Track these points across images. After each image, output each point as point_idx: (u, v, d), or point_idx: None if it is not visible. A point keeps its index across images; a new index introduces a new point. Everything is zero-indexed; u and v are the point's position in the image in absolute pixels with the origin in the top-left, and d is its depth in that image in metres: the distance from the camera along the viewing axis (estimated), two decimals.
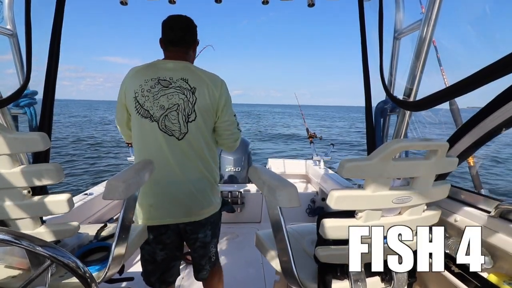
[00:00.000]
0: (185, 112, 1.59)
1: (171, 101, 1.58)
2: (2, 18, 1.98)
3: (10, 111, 1.98)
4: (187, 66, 1.66)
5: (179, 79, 1.59)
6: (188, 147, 1.63)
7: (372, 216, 1.27)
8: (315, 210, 4.02)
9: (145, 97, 1.58)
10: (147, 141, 1.64)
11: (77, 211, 2.81)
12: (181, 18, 1.69)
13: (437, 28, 1.84)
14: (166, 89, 1.58)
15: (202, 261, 1.87)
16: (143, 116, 1.59)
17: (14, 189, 1.28)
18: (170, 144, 1.61)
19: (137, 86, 1.58)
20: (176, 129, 1.60)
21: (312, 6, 2.44)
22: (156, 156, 1.62)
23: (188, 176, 1.67)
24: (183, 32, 1.68)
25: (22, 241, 0.79)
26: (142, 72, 1.61)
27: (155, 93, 1.57)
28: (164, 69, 1.61)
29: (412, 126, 2.19)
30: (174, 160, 1.63)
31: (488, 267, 1.47)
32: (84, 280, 0.87)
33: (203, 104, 1.61)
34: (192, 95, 1.58)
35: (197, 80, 1.61)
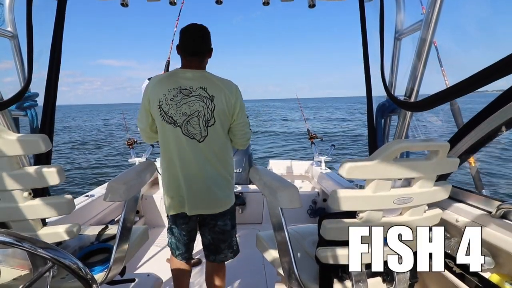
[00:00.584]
0: (205, 117, 1.74)
1: (192, 108, 1.72)
2: (3, 20, 1.99)
3: (11, 113, 1.98)
4: (205, 75, 1.80)
5: (199, 87, 1.73)
6: (208, 148, 1.78)
7: (373, 216, 1.27)
8: (317, 211, 4.02)
9: (169, 105, 1.72)
10: (171, 143, 1.78)
11: (79, 212, 2.81)
12: (198, 27, 1.80)
13: (438, 28, 1.84)
14: (187, 97, 1.72)
15: (222, 245, 2.00)
16: (168, 122, 1.74)
17: (16, 191, 1.28)
18: (192, 146, 1.76)
19: (161, 95, 1.72)
20: (197, 132, 1.75)
21: (312, 7, 2.44)
22: (179, 156, 1.78)
23: (208, 174, 1.81)
24: (199, 41, 1.80)
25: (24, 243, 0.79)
26: (165, 81, 1.75)
27: (177, 101, 1.71)
28: (184, 79, 1.75)
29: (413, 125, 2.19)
30: (195, 160, 1.78)
31: (489, 267, 1.47)
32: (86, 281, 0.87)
33: (221, 109, 1.76)
34: (211, 103, 1.73)
35: (215, 88, 1.75)
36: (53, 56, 1.92)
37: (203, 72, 1.81)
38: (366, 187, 1.24)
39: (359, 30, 2.21)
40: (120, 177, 1.51)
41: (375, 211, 1.27)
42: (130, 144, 4.33)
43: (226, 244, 2.00)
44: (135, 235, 1.75)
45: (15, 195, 1.29)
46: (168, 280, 2.72)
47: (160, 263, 3.06)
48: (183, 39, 1.79)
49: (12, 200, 1.29)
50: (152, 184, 4.34)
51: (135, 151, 4.30)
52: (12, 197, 1.29)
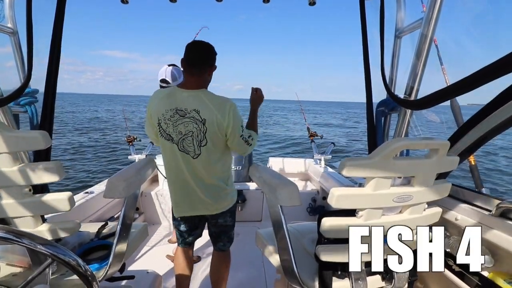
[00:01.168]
0: (198, 138, 1.86)
1: (187, 128, 1.85)
2: (3, 16, 1.98)
3: (11, 110, 1.98)
4: (199, 95, 1.86)
5: (192, 110, 1.83)
6: (201, 164, 1.91)
7: (373, 215, 1.27)
8: (316, 209, 4.02)
9: (166, 124, 1.86)
10: (169, 157, 1.95)
11: (78, 209, 2.82)
12: (202, 43, 1.90)
13: (438, 27, 1.84)
14: (183, 118, 1.84)
15: (222, 236, 2.21)
16: (166, 139, 1.90)
17: (15, 187, 1.28)
18: (186, 161, 1.91)
19: (160, 114, 1.86)
20: (191, 150, 1.88)
21: (313, 4, 2.44)
22: (176, 169, 1.95)
23: (202, 185, 1.96)
24: (200, 56, 1.87)
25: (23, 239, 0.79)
26: (164, 101, 1.87)
27: (174, 121, 1.85)
28: (180, 100, 1.85)
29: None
30: (189, 173, 1.93)
31: (489, 266, 1.47)
32: (85, 278, 0.87)
33: (212, 132, 1.85)
34: (203, 126, 1.84)
35: (207, 111, 1.83)
36: (53, 54, 1.91)
37: (199, 92, 1.87)
38: (365, 185, 1.23)
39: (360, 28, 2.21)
40: (120, 174, 1.51)
41: (374, 209, 1.27)
42: (130, 141, 4.33)
43: (226, 236, 2.22)
44: (135, 232, 1.75)
45: (15, 191, 1.29)
46: (167, 277, 2.72)
47: (159, 260, 3.06)
48: (186, 52, 1.86)
49: (12, 196, 1.29)
50: (152, 181, 4.34)
51: (135, 148, 4.30)
52: (11, 193, 1.29)
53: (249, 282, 2.74)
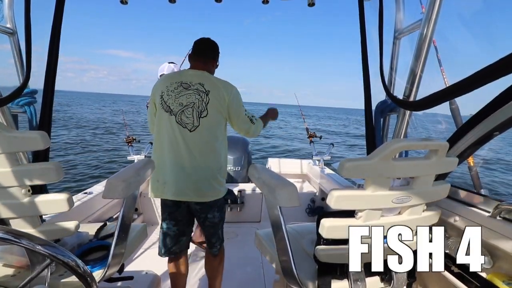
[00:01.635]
0: (198, 109, 1.93)
1: (189, 99, 1.93)
2: (2, 16, 1.98)
3: (10, 110, 1.98)
4: (205, 74, 2.02)
5: (197, 83, 1.96)
6: (198, 138, 1.95)
7: (372, 216, 1.27)
8: (315, 209, 4.02)
9: (169, 95, 1.95)
10: (164, 129, 1.98)
11: (77, 210, 2.81)
12: (208, 39, 2.12)
13: (437, 28, 1.84)
14: (186, 90, 1.95)
15: (213, 239, 2.18)
16: (165, 110, 1.95)
17: (14, 187, 1.28)
18: (183, 134, 1.94)
19: (164, 87, 1.98)
20: (189, 122, 1.94)
21: (312, 5, 2.44)
22: (170, 142, 1.96)
23: (196, 162, 1.96)
24: (205, 47, 2.09)
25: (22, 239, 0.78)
26: (170, 76, 2.04)
27: (177, 93, 1.95)
28: (186, 75, 2.00)
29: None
30: (185, 148, 1.95)
31: (487, 267, 1.47)
32: (84, 279, 0.87)
33: (214, 104, 1.95)
34: (206, 96, 1.94)
35: (212, 85, 1.97)
36: (51, 54, 1.91)
37: (205, 72, 2.03)
38: (364, 187, 1.24)
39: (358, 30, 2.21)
40: (119, 174, 1.51)
41: (373, 210, 1.27)
42: (129, 142, 4.33)
43: (216, 237, 2.19)
44: (134, 233, 1.75)
45: (13, 191, 1.29)
46: (166, 278, 2.72)
47: (158, 260, 3.06)
48: (195, 45, 2.08)
49: (10, 197, 1.29)
50: None
51: (134, 149, 4.30)
52: (10, 194, 1.28)
53: (248, 282, 2.74)
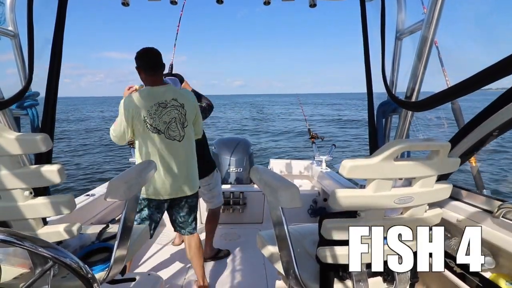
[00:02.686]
0: (180, 121, 2.23)
1: (170, 116, 2.19)
2: (4, 19, 1.99)
3: (12, 112, 1.98)
4: (171, 88, 2.28)
5: (171, 99, 2.21)
6: (186, 144, 2.29)
7: (374, 216, 1.27)
8: (317, 210, 4.02)
9: (152, 118, 2.15)
10: (153, 147, 2.21)
11: (79, 212, 2.82)
12: (153, 50, 2.23)
13: (439, 28, 1.84)
14: (165, 109, 2.18)
15: (190, 219, 2.48)
16: (153, 132, 2.17)
17: (16, 190, 1.28)
18: (173, 146, 2.23)
19: (145, 111, 2.14)
20: (176, 134, 2.23)
21: (313, 6, 2.44)
22: (160, 156, 2.21)
23: (187, 164, 2.31)
24: (158, 59, 2.23)
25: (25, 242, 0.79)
26: (145, 99, 2.17)
27: (158, 113, 2.16)
28: (158, 95, 2.19)
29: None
30: (175, 157, 2.25)
31: (490, 267, 1.47)
32: (86, 281, 0.87)
33: (189, 113, 2.28)
34: (182, 109, 2.24)
35: (182, 98, 2.26)
36: (54, 56, 1.92)
37: (169, 86, 2.30)
38: (366, 187, 1.23)
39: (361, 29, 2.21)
40: (121, 176, 1.51)
41: (376, 210, 1.27)
42: (130, 143, 4.33)
43: (193, 217, 2.50)
44: (136, 235, 1.75)
45: (16, 194, 1.29)
46: (168, 279, 2.72)
47: (160, 262, 3.06)
48: (144, 58, 2.20)
49: (13, 199, 1.29)
50: None
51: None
52: (13, 196, 1.29)
53: (250, 284, 2.74)
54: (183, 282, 2.71)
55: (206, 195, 3.08)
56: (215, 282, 2.74)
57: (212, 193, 3.06)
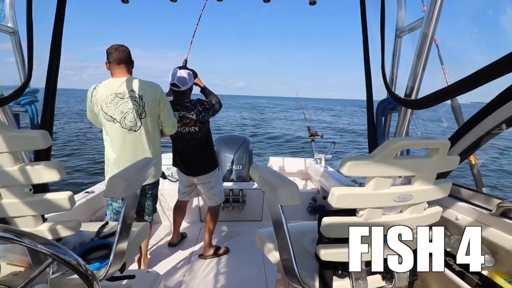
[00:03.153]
0: (138, 112, 2.38)
1: (127, 106, 2.35)
2: (3, 16, 1.98)
3: (11, 109, 1.98)
4: (132, 80, 2.40)
5: (130, 91, 2.36)
6: (142, 135, 2.44)
7: (373, 214, 1.27)
8: (316, 208, 4.03)
9: (108, 107, 2.33)
10: (115, 136, 2.40)
11: (79, 209, 2.82)
12: (121, 46, 2.41)
13: (439, 26, 1.83)
14: (122, 100, 2.34)
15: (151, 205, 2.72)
16: (108, 120, 2.35)
17: (15, 187, 1.28)
18: (129, 136, 2.40)
19: (101, 100, 2.33)
20: (133, 125, 2.39)
21: (313, 4, 2.44)
22: (119, 145, 2.41)
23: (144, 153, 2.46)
24: (123, 54, 2.39)
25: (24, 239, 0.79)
26: (103, 90, 2.35)
27: (115, 103, 2.33)
28: (117, 85, 2.35)
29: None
30: (133, 146, 2.43)
31: (489, 265, 1.47)
32: (86, 277, 0.87)
33: (149, 105, 2.41)
34: (141, 101, 2.38)
35: (142, 89, 2.39)
36: (53, 53, 1.91)
37: (131, 77, 2.42)
38: (366, 185, 1.23)
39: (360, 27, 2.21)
40: (120, 174, 1.51)
41: (375, 209, 1.27)
42: None
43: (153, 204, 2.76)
44: (135, 232, 1.75)
45: (15, 191, 1.29)
46: (168, 277, 2.73)
47: (160, 259, 3.07)
48: (111, 55, 2.37)
49: (12, 196, 1.29)
50: None
51: None
52: (12, 193, 1.29)
53: (249, 281, 2.74)
54: (182, 280, 2.72)
55: (207, 192, 3.08)
56: (214, 279, 2.75)
57: (213, 191, 3.06)
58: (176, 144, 2.91)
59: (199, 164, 2.93)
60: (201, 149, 2.88)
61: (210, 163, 2.99)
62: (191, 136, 2.78)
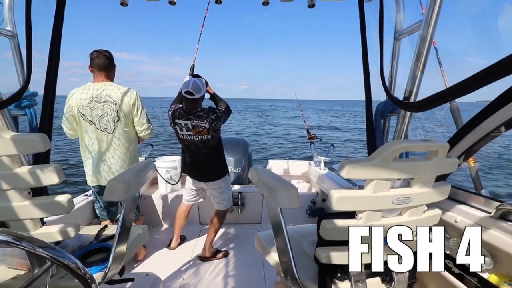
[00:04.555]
0: (111, 116, 2.57)
1: (103, 110, 2.54)
2: (2, 19, 1.98)
3: (10, 112, 1.98)
4: (109, 85, 2.61)
5: (106, 95, 2.55)
6: (116, 138, 2.64)
7: (372, 217, 1.27)
8: (316, 211, 4.02)
9: (85, 110, 2.52)
10: (87, 135, 2.61)
11: (78, 212, 2.82)
12: (103, 52, 2.58)
13: (438, 29, 1.84)
14: (98, 103, 2.53)
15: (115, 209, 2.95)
16: (86, 121, 2.55)
17: (14, 190, 1.28)
18: (104, 138, 2.61)
19: (79, 103, 2.51)
20: (108, 127, 2.59)
21: (312, 7, 2.44)
22: (95, 146, 2.62)
23: (116, 155, 2.68)
24: (104, 60, 2.57)
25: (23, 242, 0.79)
26: (80, 94, 2.54)
27: (91, 106, 2.52)
28: (95, 90, 2.56)
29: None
30: (106, 147, 2.63)
31: (488, 267, 1.47)
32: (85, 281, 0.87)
33: (123, 110, 2.60)
34: (115, 105, 2.56)
35: (117, 95, 2.58)
36: (52, 56, 1.91)
37: (109, 83, 2.62)
38: (365, 188, 1.23)
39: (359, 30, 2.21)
40: (119, 176, 1.51)
41: (374, 211, 1.27)
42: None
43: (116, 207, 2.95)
44: (134, 235, 1.75)
45: (14, 194, 1.29)
46: (167, 280, 2.72)
47: (159, 262, 3.06)
48: (93, 61, 2.56)
49: (11, 199, 1.29)
50: (151, 183, 4.34)
51: None
52: (11, 196, 1.28)
53: (248, 284, 2.74)
54: (181, 283, 2.71)
55: (216, 197, 3.09)
56: (213, 282, 2.74)
57: (223, 196, 3.09)
58: (188, 151, 2.90)
59: (210, 170, 2.95)
60: (213, 156, 2.89)
61: (221, 169, 3.01)
62: (204, 144, 2.78)
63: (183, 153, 2.99)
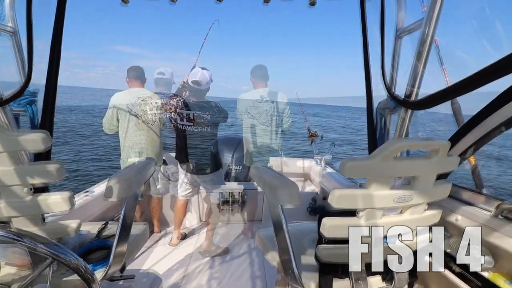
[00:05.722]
0: (152, 111, 3.17)
1: (148, 106, 3.17)
2: (4, 16, 1.98)
3: (11, 110, 1.98)
4: (145, 91, 3.30)
5: (147, 97, 3.21)
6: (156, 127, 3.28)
7: (373, 215, 1.27)
8: (316, 209, 4.02)
9: (134, 106, 3.12)
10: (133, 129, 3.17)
11: (79, 209, 2.82)
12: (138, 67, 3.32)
13: (439, 27, 1.83)
14: (144, 102, 3.17)
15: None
16: (132, 115, 3.11)
17: (16, 187, 1.28)
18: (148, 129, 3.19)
19: (129, 102, 3.13)
20: (150, 121, 3.19)
21: (313, 5, 2.44)
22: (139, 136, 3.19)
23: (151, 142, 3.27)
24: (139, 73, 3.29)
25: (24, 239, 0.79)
26: (127, 96, 3.19)
27: (138, 104, 3.14)
28: (139, 93, 3.22)
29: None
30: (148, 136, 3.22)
31: (489, 266, 1.47)
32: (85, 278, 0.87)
33: (156, 108, 3.23)
34: (155, 103, 3.22)
35: (152, 97, 3.24)
36: (53, 52, 1.91)
37: (144, 89, 3.30)
38: (366, 186, 1.23)
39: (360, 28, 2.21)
40: (120, 174, 1.51)
41: (375, 209, 1.27)
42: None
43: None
44: (135, 233, 1.75)
45: (16, 191, 1.29)
46: (167, 277, 2.73)
47: (160, 260, 3.07)
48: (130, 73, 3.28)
49: (13, 196, 1.29)
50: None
51: None
52: (12, 193, 1.29)
53: (249, 282, 2.74)
54: (182, 279, 2.71)
55: (210, 191, 3.45)
56: (213, 280, 2.75)
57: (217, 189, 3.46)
58: (183, 142, 2.94)
59: (206, 163, 3.05)
60: (209, 149, 3.03)
61: (216, 163, 3.15)
62: (202, 136, 2.84)
63: (179, 143, 3.10)
